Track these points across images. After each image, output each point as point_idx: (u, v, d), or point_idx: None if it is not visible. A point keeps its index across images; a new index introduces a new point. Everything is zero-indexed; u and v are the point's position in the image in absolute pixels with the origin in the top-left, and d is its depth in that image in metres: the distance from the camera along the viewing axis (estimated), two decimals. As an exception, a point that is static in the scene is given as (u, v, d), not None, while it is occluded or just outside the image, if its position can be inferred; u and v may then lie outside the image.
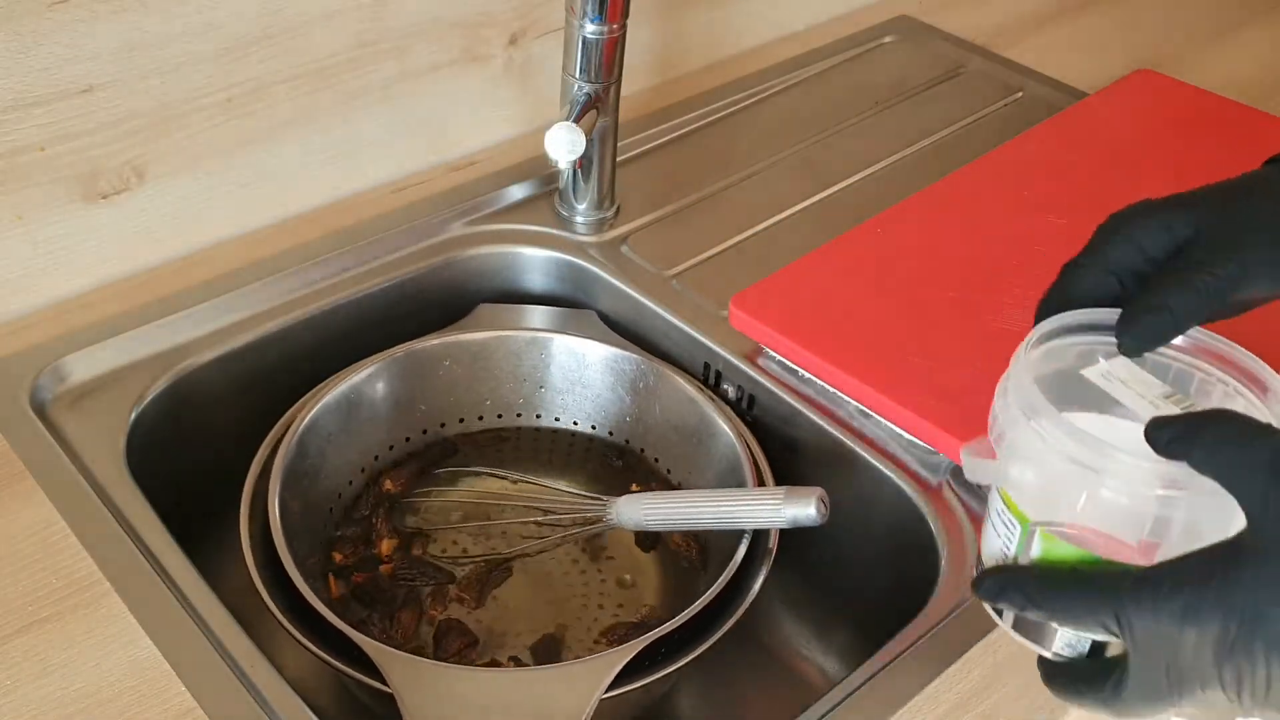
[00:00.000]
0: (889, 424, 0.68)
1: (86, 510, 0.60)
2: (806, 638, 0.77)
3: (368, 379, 0.71)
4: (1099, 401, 0.47)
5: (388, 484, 0.73)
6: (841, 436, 0.69)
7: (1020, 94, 1.01)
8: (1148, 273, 0.48)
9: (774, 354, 0.73)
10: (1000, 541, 0.47)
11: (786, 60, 1.04)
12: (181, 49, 0.70)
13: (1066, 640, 0.45)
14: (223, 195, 0.77)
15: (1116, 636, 0.41)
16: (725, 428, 0.69)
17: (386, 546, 0.70)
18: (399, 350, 0.72)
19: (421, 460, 0.75)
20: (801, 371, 0.72)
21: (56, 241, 0.71)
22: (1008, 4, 1.17)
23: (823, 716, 0.54)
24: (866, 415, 0.70)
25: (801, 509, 0.59)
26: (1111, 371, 0.47)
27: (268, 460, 0.65)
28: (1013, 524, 0.46)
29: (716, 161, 0.91)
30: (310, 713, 0.52)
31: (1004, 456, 0.46)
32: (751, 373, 0.73)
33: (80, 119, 0.68)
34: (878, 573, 0.71)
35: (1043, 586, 0.43)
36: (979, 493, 0.66)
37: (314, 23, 0.75)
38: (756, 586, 0.60)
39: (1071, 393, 0.47)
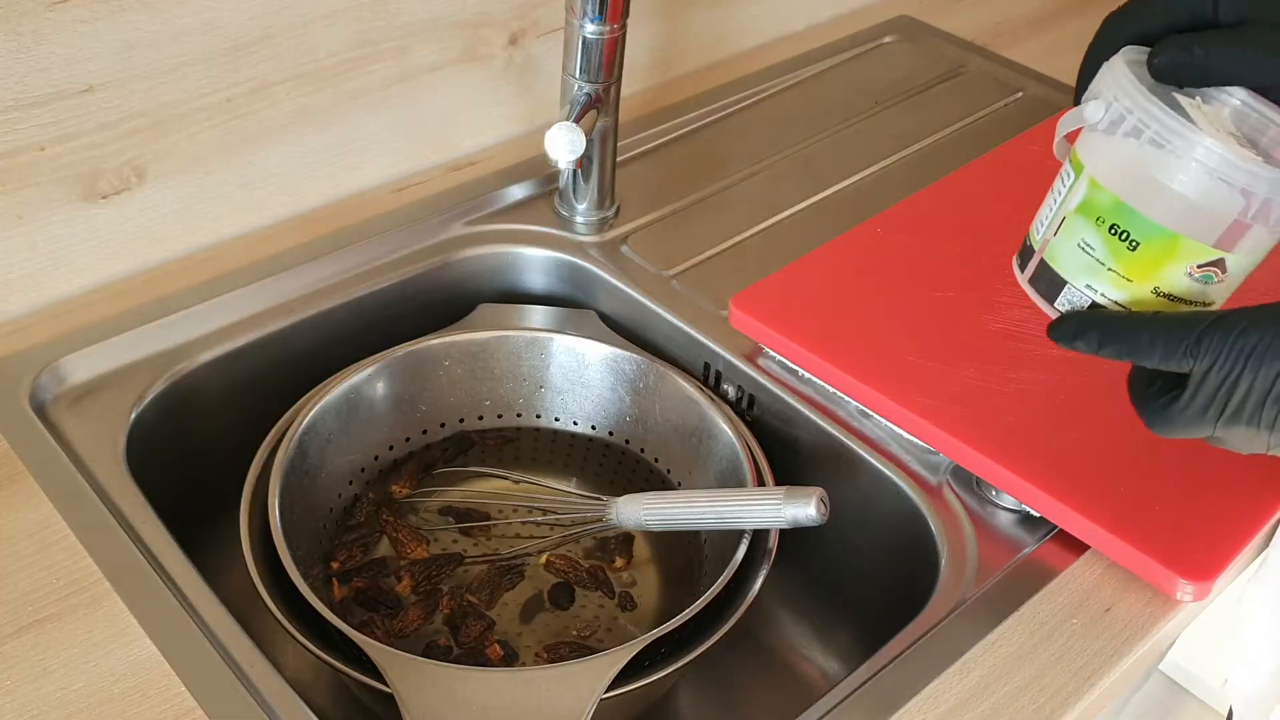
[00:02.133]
0: (889, 424, 0.68)
1: (86, 510, 0.60)
2: (806, 638, 0.77)
3: (368, 379, 0.71)
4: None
5: (393, 486, 0.73)
6: (841, 436, 0.69)
7: (1020, 94, 1.01)
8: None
9: (774, 354, 0.73)
10: (1049, 202, 0.51)
11: (786, 60, 1.04)
12: (181, 49, 0.70)
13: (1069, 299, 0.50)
14: (223, 195, 0.77)
15: (1187, 369, 0.45)
16: (725, 428, 0.69)
17: (402, 549, 0.71)
18: (399, 350, 0.72)
19: (423, 459, 0.75)
20: (801, 371, 0.72)
21: (56, 241, 0.71)
22: (1008, 4, 1.17)
23: (823, 716, 0.54)
24: (866, 415, 0.70)
25: (801, 509, 0.59)
26: (1195, 104, 0.48)
27: (268, 460, 0.65)
28: (1068, 175, 0.50)
29: (716, 161, 0.91)
30: (310, 713, 0.52)
31: (1089, 101, 0.49)
32: (751, 373, 0.73)
33: (80, 119, 0.68)
34: (878, 573, 0.71)
35: (1119, 325, 0.47)
36: (979, 493, 0.66)
37: (314, 23, 0.75)
38: (756, 586, 0.60)
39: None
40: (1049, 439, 0.65)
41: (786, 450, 0.72)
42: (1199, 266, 0.47)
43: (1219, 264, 0.47)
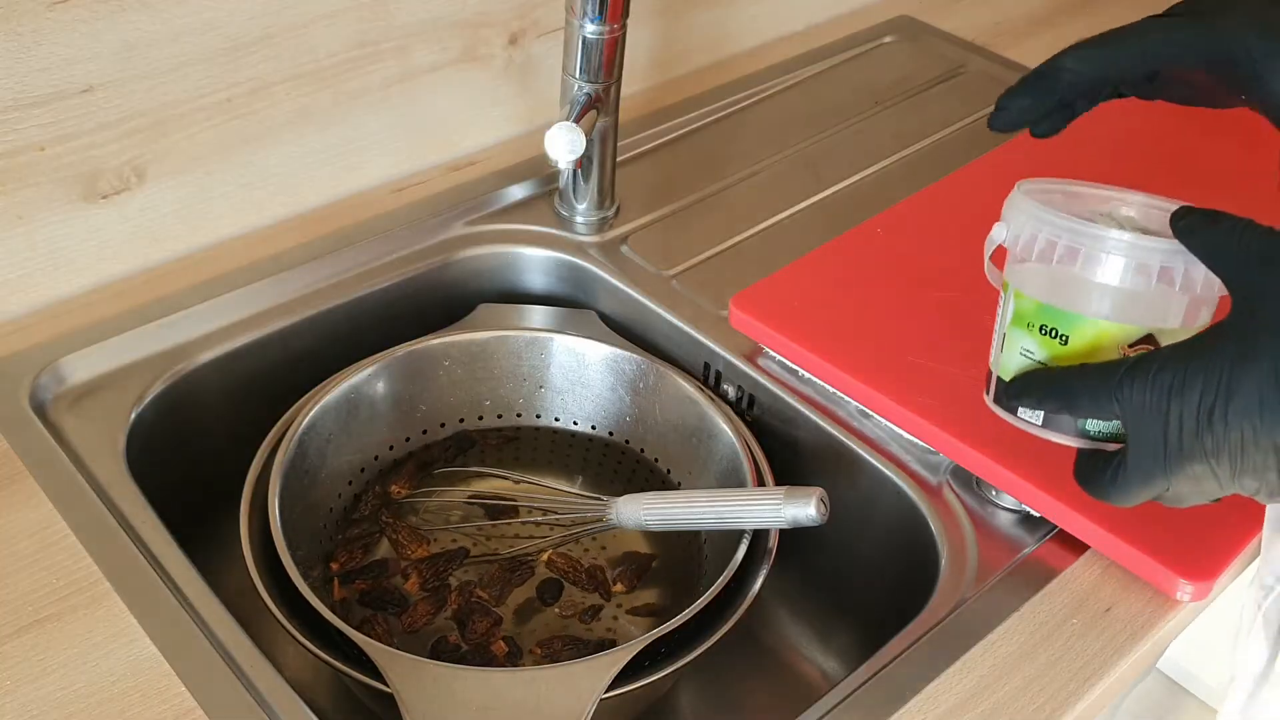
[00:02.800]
0: (889, 424, 0.68)
1: (86, 510, 0.60)
2: (806, 638, 0.77)
3: (368, 379, 0.71)
4: None
5: (393, 486, 0.73)
6: (841, 436, 0.69)
7: (1020, 94, 1.01)
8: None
9: (774, 354, 0.73)
10: (996, 327, 0.54)
11: (786, 60, 1.04)
12: (181, 49, 0.70)
13: (1086, 429, 0.51)
14: (223, 195, 0.77)
15: (1116, 422, 0.47)
16: (725, 428, 0.69)
17: (403, 550, 0.71)
18: (399, 350, 0.72)
19: (424, 459, 0.75)
20: (801, 371, 0.72)
21: (56, 241, 0.71)
22: (1008, 4, 1.17)
23: (823, 716, 0.54)
24: (866, 415, 0.70)
25: (801, 509, 0.59)
26: (1096, 214, 0.53)
27: (268, 460, 0.65)
28: (1003, 297, 0.54)
29: (716, 161, 0.91)
30: (310, 713, 0.52)
31: (996, 225, 0.54)
32: (751, 373, 0.73)
33: (80, 119, 0.68)
34: (878, 573, 0.71)
35: (1051, 381, 0.49)
36: (979, 493, 0.66)
37: (314, 23, 0.75)
38: (756, 586, 0.60)
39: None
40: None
41: (786, 450, 0.72)
42: (1130, 347, 0.49)
43: (1149, 339, 0.49)
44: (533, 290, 0.83)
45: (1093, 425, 0.50)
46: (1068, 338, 0.51)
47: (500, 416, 0.77)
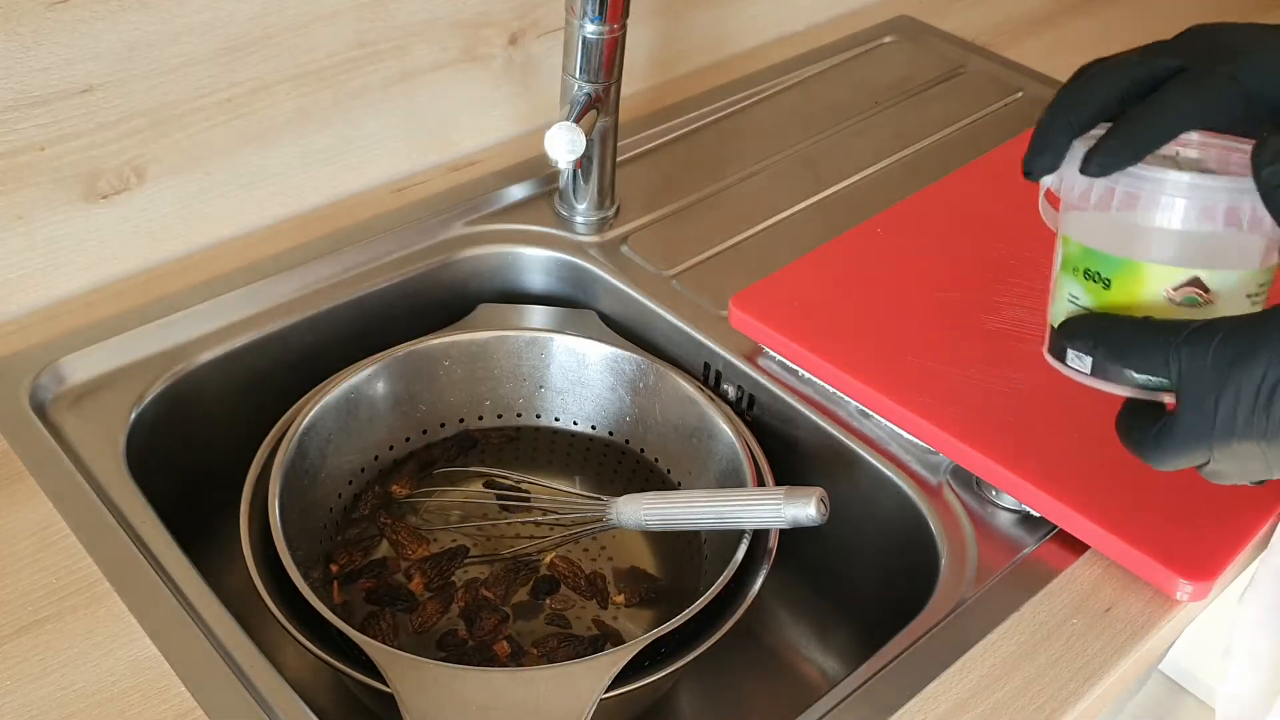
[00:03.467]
0: (889, 424, 0.68)
1: (86, 510, 0.60)
2: (806, 638, 0.77)
3: (368, 379, 0.71)
4: None
5: (394, 486, 0.73)
6: (841, 436, 0.69)
7: (1020, 94, 1.01)
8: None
9: (774, 354, 0.73)
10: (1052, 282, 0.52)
11: (786, 60, 1.04)
12: (181, 49, 0.70)
13: (1137, 380, 0.48)
14: (223, 195, 0.77)
15: (1169, 380, 0.45)
16: (725, 428, 0.69)
17: (403, 551, 0.71)
18: (399, 350, 0.73)
19: (424, 459, 0.75)
20: (801, 371, 0.72)
21: (56, 241, 0.71)
22: (1008, 4, 1.17)
23: (823, 716, 0.54)
24: (866, 415, 0.70)
25: (801, 509, 0.59)
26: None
27: (268, 460, 0.65)
28: (1058, 247, 0.52)
29: (716, 161, 0.91)
30: (310, 713, 0.52)
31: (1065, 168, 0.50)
32: (751, 373, 0.73)
33: (80, 119, 0.68)
34: (878, 573, 0.71)
35: (1104, 328, 0.47)
36: (979, 493, 0.66)
37: (314, 23, 0.75)
38: (756, 586, 0.60)
39: None
40: (1049, 439, 0.65)
41: (786, 450, 0.72)
42: (1175, 289, 0.48)
43: (1195, 283, 0.48)
44: (533, 290, 0.83)
45: (1144, 375, 0.48)
46: (1110, 281, 0.49)
47: (500, 416, 0.77)
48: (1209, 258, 0.47)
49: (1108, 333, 0.47)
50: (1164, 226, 0.48)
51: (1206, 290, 0.47)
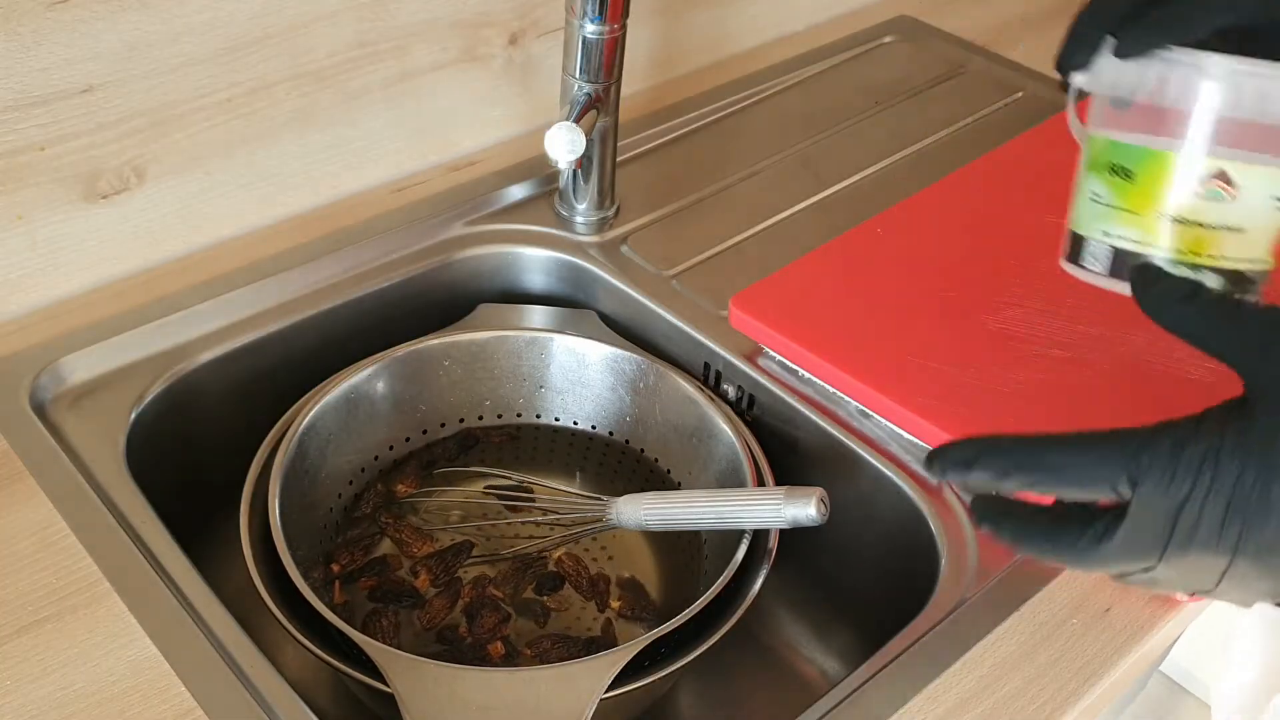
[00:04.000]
0: (889, 424, 0.68)
1: (86, 510, 0.60)
2: (806, 638, 0.77)
3: (368, 379, 0.71)
4: None
5: (398, 485, 0.74)
6: (841, 436, 0.69)
7: (1020, 94, 1.01)
8: None
9: (774, 354, 0.73)
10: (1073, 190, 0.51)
11: (786, 60, 1.04)
12: (181, 49, 0.70)
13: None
14: (223, 195, 0.77)
15: (1125, 494, 0.40)
16: (725, 428, 0.69)
17: (407, 549, 0.71)
18: (399, 350, 0.73)
19: (424, 459, 0.75)
20: (801, 371, 0.72)
21: (56, 241, 0.71)
22: (1008, 4, 1.17)
23: (823, 716, 0.54)
24: (866, 415, 0.70)
25: (801, 509, 0.59)
26: None
27: (268, 460, 0.65)
28: (1083, 151, 0.51)
29: (716, 161, 0.91)
30: (310, 713, 0.52)
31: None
32: (751, 373, 0.73)
33: (80, 119, 0.68)
34: (878, 573, 0.71)
35: (1047, 452, 0.41)
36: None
37: (314, 23, 0.75)
38: (756, 586, 0.60)
39: None
40: (1049, 439, 0.65)
41: (786, 450, 0.72)
42: (1200, 181, 0.46)
43: (1222, 176, 0.46)
44: (533, 290, 0.83)
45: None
46: (1133, 174, 0.48)
47: (500, 416, 0.77)
48: (1238, 148, 0.45)
49: (1034, 461, 0.42)
50: (1194, 111, 0.46)
51: (1232, 184, 0.46)
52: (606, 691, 0.53)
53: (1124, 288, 0.47)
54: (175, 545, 0.59)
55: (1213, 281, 0.47)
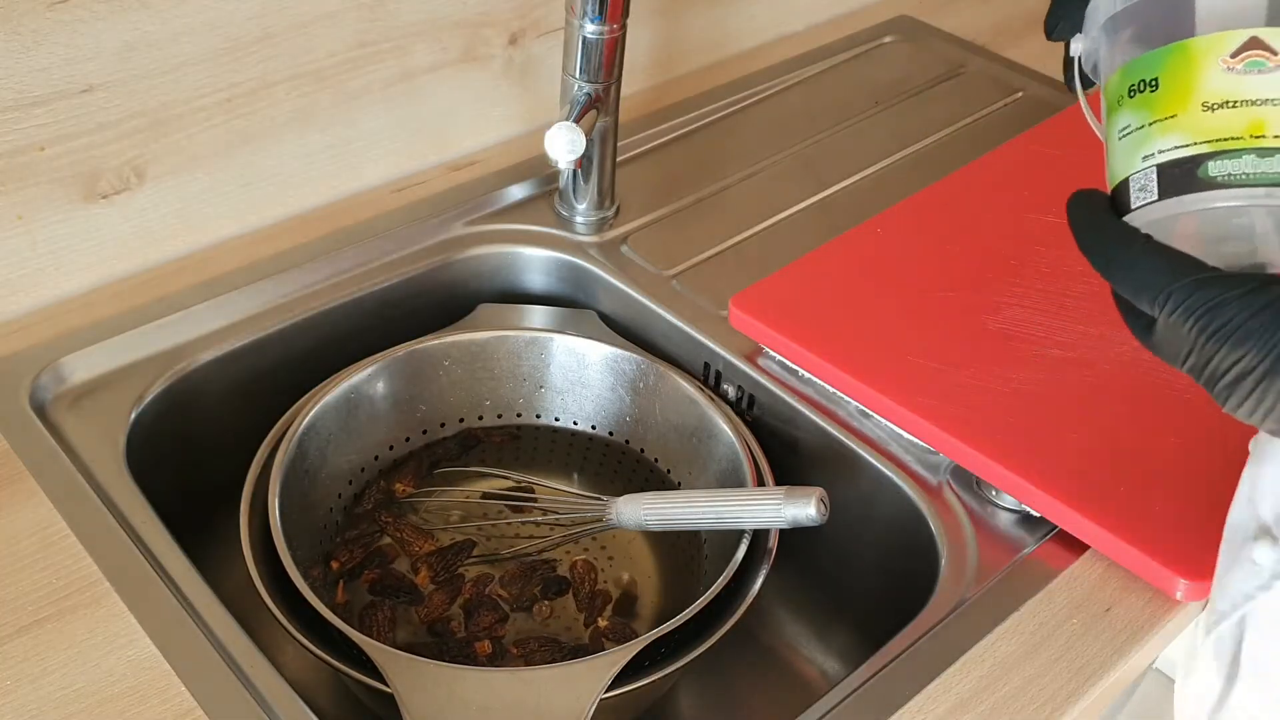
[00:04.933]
0: (889, 424, 0.68)
1: (86, 510, 0.60)
2: (806, 638, 0.77)
3: (368, 379, 0.71)
4: None
5: (398, 485, 0.74)
6: (841, 436, 0.69)
7: (1020, 94, 1.01)
8: None
9: (774, 354, 0.73)
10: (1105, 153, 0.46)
11: (786, 60, 1.04)
12: (181, 49, 0.70)
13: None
14: (223, 195, 0.77)
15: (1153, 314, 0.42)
16: (725, 428, 0.69)
17: (408, 548, 0.71)
18: (399, 350, 0.72)
19: (424, 459, 0.75)
20: (801, 371, 0.72)
21: (56, 241, 0.71)
22: (1008, 4, 1.16)
23: (823, 716, 0.54)
24: (866, 415, 0.70)
25: (801, 509, 0.59)
26: None
27: (268, 460, 0.65)
28: (1105, 115, 0.46)
29: (716, 161, 0.91)
30: (310, 713, 0.52)
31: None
32: (751, 373, 0.73)
33: (80, 119, 0.68)
34: (878, 573, 0.71)
35: (1118, 239, 0.43)
36: (979, 493, 0.66)
37: (314, 23, 0.75)
38: (756, 586, 0.60)
39: None
40: (1049, 439, 0.65)
41: (786, 450, 0.72)
42: (1233, 58, 0.41)
43: (1255, 44, 0.41)
44: (533, 290, 0.83)
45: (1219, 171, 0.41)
46: (1158, 81, 0.42)
47: (500, 416, 0.77)
48: (1264, 8, 0.41)
49: (1113, 255, 0.43)
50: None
51: (1273, 51, 0.41)
52: (606, 691, 0.53)
53: (1188, 202, 0.42)
54: (175, 545, 0.59)
55: None
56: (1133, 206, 0.43)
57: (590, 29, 0.73)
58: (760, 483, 0.67)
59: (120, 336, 0.70)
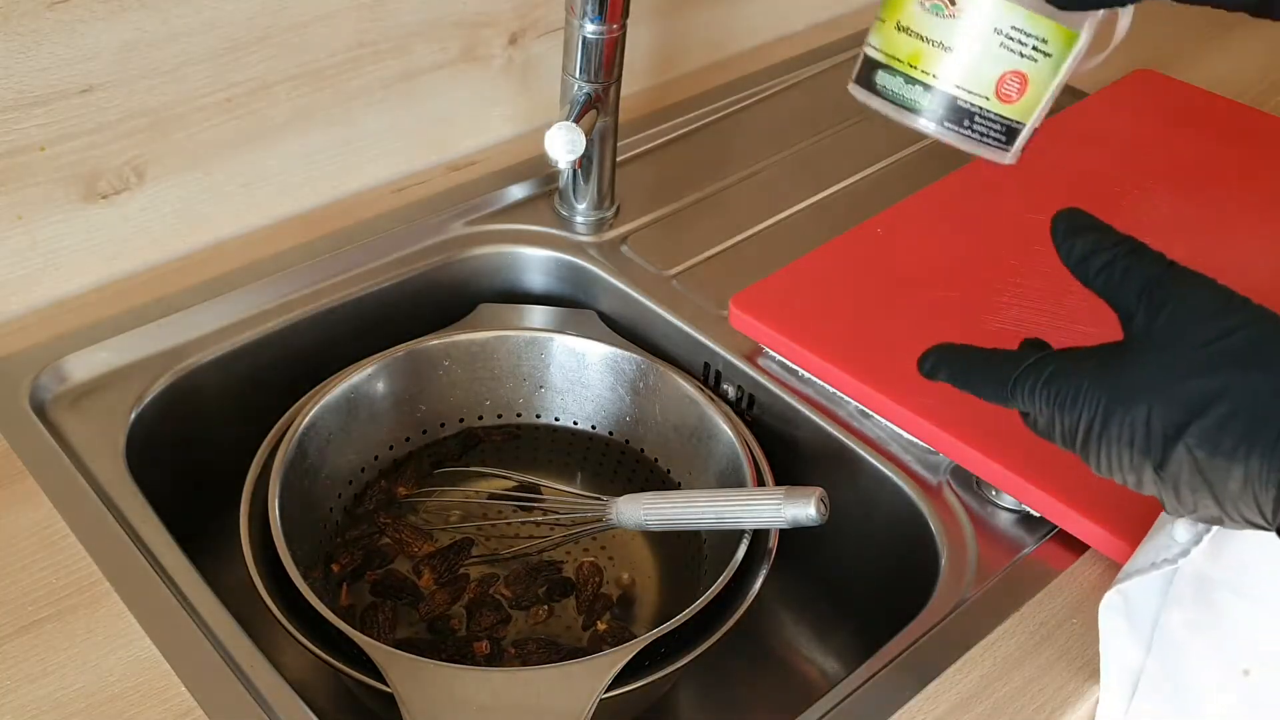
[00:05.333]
0: (889, 424, 0.68)
1: (86, 510, 0.60)
2: (806, 638, 0.77)
3: (368, 379, 0.71)
4: None
5: (399, 486, 0.74)
6: (841, 436, 0.69)
7: (1020, 94, 1.01)
8: None
9: (774, 354, 0.73)
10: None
11: (786, 60, 1.04)
12: (181, 49, 0.70)
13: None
14: (223, 195, 0.77)
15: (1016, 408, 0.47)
16: (725, 428, 0.69)
17: (408, 549, 0.71)
18: (399, 350, 0.72)
19: (424, 459, 0.75)
20: (801, 371, 0.72)
21: (56, 241, 0.71)
22: (1008, 4, 1.16)
23: (822, 717, 0.54)
24: (866, 415, 0.70)
25: (801, 509, 0.59)
26: None
27: (268, 460, 0.65)
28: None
29: (716, 161, 0.91)
30: (310, 713, 0.52)
31: None
32: (751, 373, 0.73)
33: (80, 119, 0.68)
34: (878, 573, 0.71)
35: (961, 360, 0.51)
36: (979, 493, 0.66)
37: (314, 23, 0.75)
38: (756, 587, 0.60)
39: None
40: (1049, 439, 0.65)
41: (786, 450, 0.72)
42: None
43: None
44: (533, 290, 0.83)
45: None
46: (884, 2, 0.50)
47: (500, 416, 0.77)
48: None
49: (964, 375, 0.50)
50: None
51: (953, 3, 0.48)
52: (606, 691, 0.53)
53: (865, 96, 0.51)
54: (175, 545, 0.59)
55: (930, 101, 0.51)
56: (853, 79, 0.52)
57: (590, 29, 0.73)
58: (760, 483, 0.67)
59: (120, 336, 0.70)
